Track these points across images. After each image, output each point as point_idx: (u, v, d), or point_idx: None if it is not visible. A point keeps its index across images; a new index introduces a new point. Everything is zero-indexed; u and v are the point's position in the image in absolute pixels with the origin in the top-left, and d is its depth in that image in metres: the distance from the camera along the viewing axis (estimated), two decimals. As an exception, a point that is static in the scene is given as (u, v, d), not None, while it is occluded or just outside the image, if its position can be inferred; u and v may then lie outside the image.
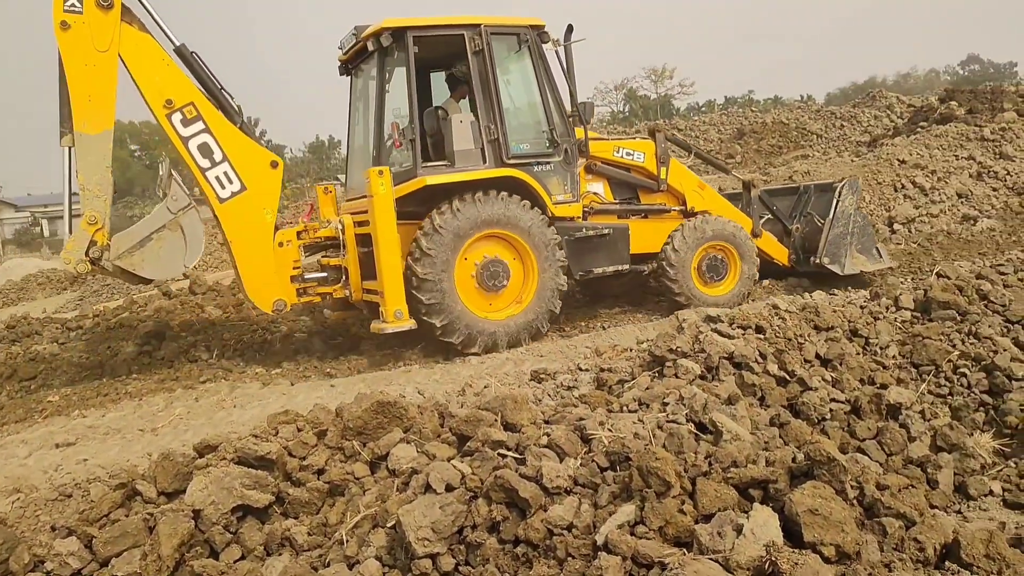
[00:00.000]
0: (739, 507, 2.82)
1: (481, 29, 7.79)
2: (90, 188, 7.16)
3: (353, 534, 3.23)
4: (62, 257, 7.24)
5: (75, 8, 6.91)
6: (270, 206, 7.73)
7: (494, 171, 7.73)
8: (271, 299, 7.73)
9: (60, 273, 26.77)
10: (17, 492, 4.92)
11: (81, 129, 7.07)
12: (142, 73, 7.29)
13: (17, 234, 76.02)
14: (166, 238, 7.36)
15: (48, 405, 7.45)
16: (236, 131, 7.60)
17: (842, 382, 4.60)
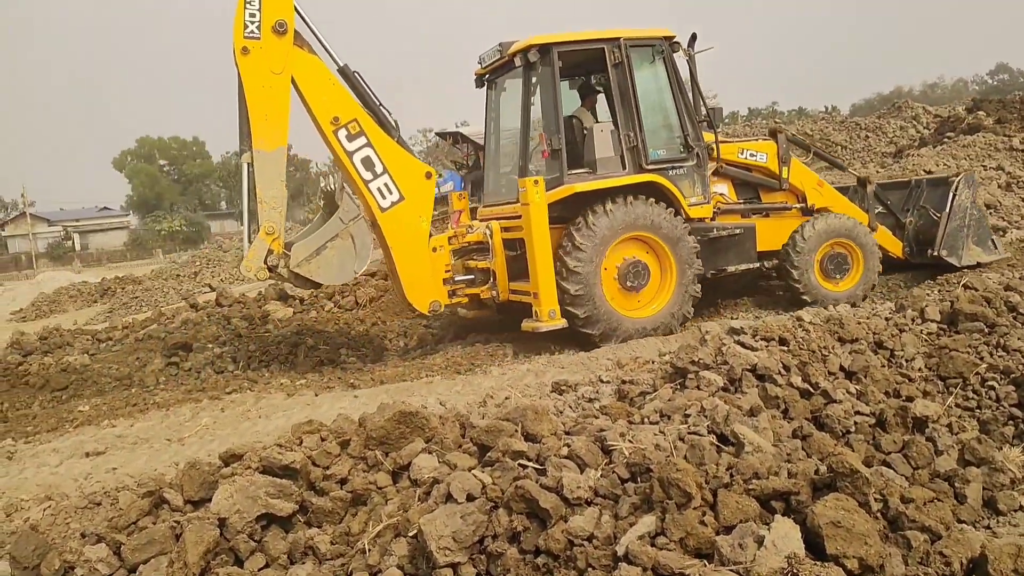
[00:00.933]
0: (761, 519, 2.81)
1: (620, 42, 8.27)
2: (267, 201, 7.69)
3: (375, 543, 3.25)
4: (243, 266, 7.82)
5: (254, 35, 7.53)
6: (425, 214, 8.32)
7: (635, 177, 8.22)
8: (427, 301, 8.31)
9: (90, 286, 27.21)
10: (49, 500, 5.02)
11: (259, 147, 7.62)
12: (312, 93, 7.85)
13: (50, 248, 77.28)
14: (338, 247, 7.85)
15: (79, 415, 7.58)
16: (395, 145, 8.17)
17: (867, 395, 4.56)
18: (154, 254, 66.84)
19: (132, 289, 24.93)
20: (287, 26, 7.60)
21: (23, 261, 69.92)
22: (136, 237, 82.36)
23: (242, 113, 7.70)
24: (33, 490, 5.32)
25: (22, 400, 8.41)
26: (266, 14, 7.54)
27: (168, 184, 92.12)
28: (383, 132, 8.09)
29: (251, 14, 7.51)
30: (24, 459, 6.35)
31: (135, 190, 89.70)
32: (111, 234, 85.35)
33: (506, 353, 8.25)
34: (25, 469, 6.06)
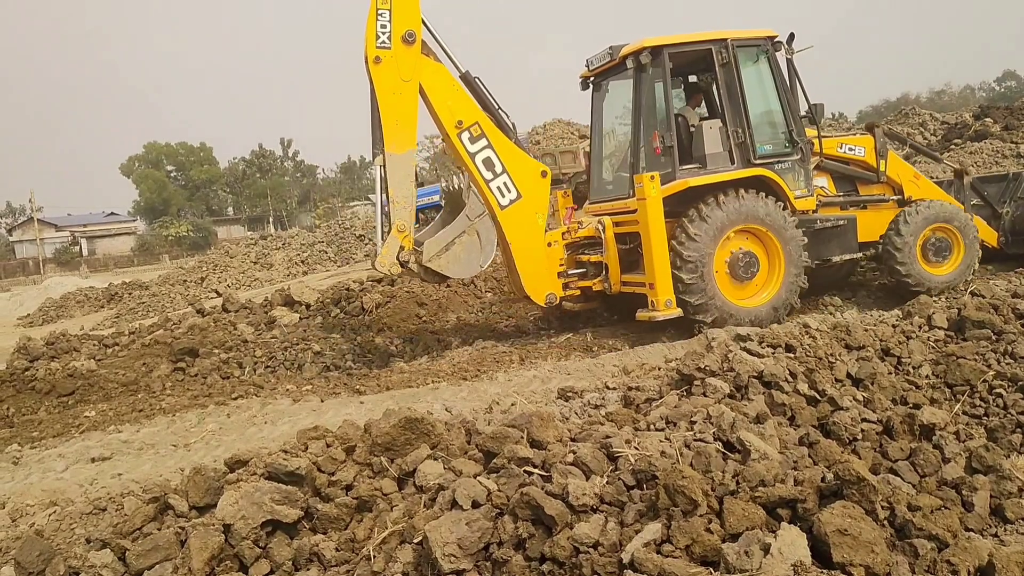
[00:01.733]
0: (767, 526, 2.80)
1: (728, 43, 8.61)
2: (398, 201, 8.20)
3: (380, 550, 3.25)
4: (377, 262, 8.29)
5: (385, 45, 8.03)
6: (541, 211, 8.80)
7: (744, 171, 8.53)
8: (544, 293, 8.86)
9: (97, 291, 27.30)
10: (54, 505, 5.03)
11: (390, 150, 8.13)
12: (438, 98, 8.36)
13: (57, 253, 77.57)
14: (465, 242, 8.41)
15: (85, 420, 7.60)
16: (513, 146, 8.68)
17: (874, 402, 4.54)
18: (161, 259, 67.03)
19: (139, 294, 25.02)
20: (416, 36, 8.11)
21: (31, 266, 70.18)
22: (143, 242, 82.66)
23: (374, 119, 8.21)
24: (38, 495, 5.33)
25: (28, 405, 8.43)
26: (396, 25, 8.04)
27: (175, 190, 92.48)
28: (502, 134, 8.61)
29: (382, 25, 8.01)
30: (30, 464, 6.37)
31: (142, 195, 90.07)
32: (118, 239, 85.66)
33: (512, 359, 8.27)
34: (31, 474, 6.08)
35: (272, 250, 26.48)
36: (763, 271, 8.63)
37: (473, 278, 12.44)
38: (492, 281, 12.29)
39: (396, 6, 8.04)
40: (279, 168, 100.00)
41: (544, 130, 23.85)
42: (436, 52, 8.41)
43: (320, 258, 25.19)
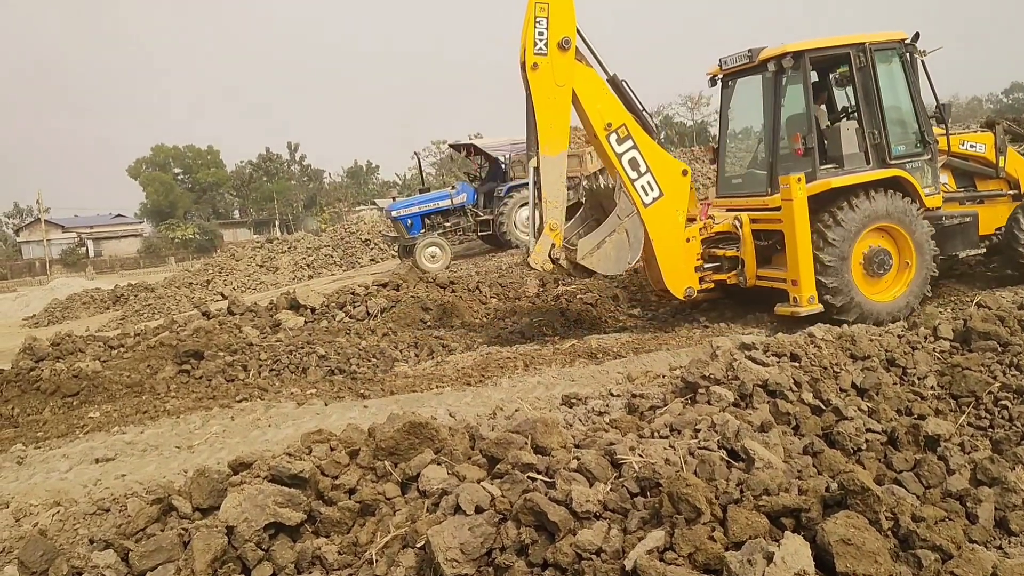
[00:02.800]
0: (770, 535, 2.79)
1: (865, 46, 8.88)
2: (551, 200, 8.65)
3: (383, 554, 3.25)
4: (530, 259, 8.73)
5: (542, 52, 8.45)
6: (682, 208, 9.14)
7: (881, 172, 8.82)
8: (683, 286, 9.23)
9: (103, 292, 27.38)
10: (58, 505, 5.03)
11: (544, 152, 8.58)
12: (589, 101, 8.77)
13: (64, 254, 77.82)
14: (615, 240, 8.69)
15: (89, 421, 7.61)
16: (656, 146, 9.13)
17: (879, 412, 4.53)
18: (167, 262, 67.24)
19: (145, 296, 25.10)
20: (571, 43, 8.50)
21: (37, 267, 70.44)
22: (149, 244, 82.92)
23: (530, 122, 8.66)
24: (42, 495, 5.34)
25: (33, 405, 8.45)
26: (553, 33, 8.43)
27: (182, 192, 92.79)
28: (646, 135, 9.02)
29: (539, 33, 8.41)
30: (34, 464, 6.38)
31: (149, 198, 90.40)
32: (125, 241, 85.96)
33: (516, 365, 8.27)
34: (35, 474, 6.09)
35: (278, 254, 26.54)
36: (895, 267, 8.97)
37: (478, 283, 12.47)
38: (497, 287, 12.30)
39: (553, 15, 8.43)
40: (286, 172, 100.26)
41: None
42: (587, 57, 8.85)
43: (326, 262, 25.25)
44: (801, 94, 9.02)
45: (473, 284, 12.43)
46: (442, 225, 18.59)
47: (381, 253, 24.39)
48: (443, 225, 18.60)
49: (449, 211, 18.74)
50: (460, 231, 18.87)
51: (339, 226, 31.08)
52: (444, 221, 18.68)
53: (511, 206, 18.32)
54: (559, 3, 8.46)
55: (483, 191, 19.42)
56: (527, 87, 8.58)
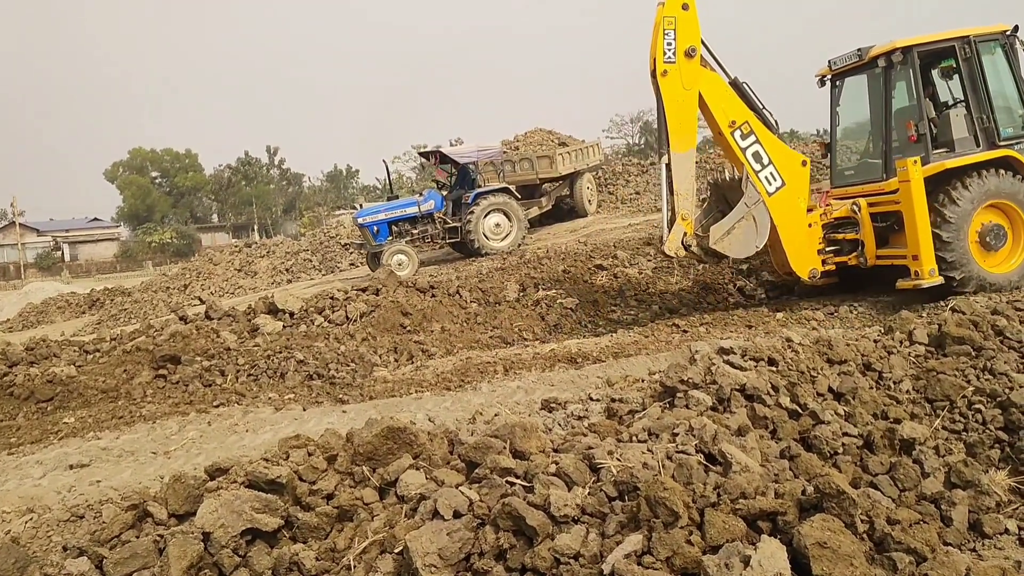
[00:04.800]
0: (747, 539, 2.81)
1: (970, 39, 9.66)
2: (682, 193, 9.68)
3: (361, 559, 3.23)
4: (665, 246, 9.73)
5: (671, 60, 9.46)
6: (803, 196, 10.05)
7: (991, 153, 9.51)
8: (808, 268, 10.02)
9: (79, 297, 27.06)
10: (31, 512, 4.97)
11: (675, 149, 9.62)
12: (714, 103, 9.73)
13: (39, 258, 76.83)
14: (744, 226, 9.53)
15: (64, 427, 7.52)
16: (777, 140, 10.00)
17: (855, 416, 4.57)
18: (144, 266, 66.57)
19: (121, 301, 24.83)
20: (696, 51, 9.47)
21: (11, 271, 69.48)
22: (126, 249, 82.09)
23: (660, 123, 9.77)
24: (15, 502, 5.26)
25: (6, 411, 8.34)
26: (680, 42, 9.42)
27: (159, 196, 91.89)
28: (767, 130, 9.87)
29: (668, 43, 9.40)
30: (7, 471, 6.30)
31: (126, 201, 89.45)
32: (101, 245, 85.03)
33: (496, 370, 8.27)
34: (7, 481, 6.01)
35: (256, 258, 26.36)
36: (1009, 240, 9.61)
37: (458, 288, 12.45)
38: (477, 292, 12.30)
39: (680, 27, 9.40)
40: (265, 176, 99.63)
41: (524, 137, 23.96)
42: (711, 63, 9.75)
43: (305, 266, 25.10)
44: (908, 87, 9.85)
45: (453, 289, 12.41)
46: (409, 232, 18.53)
47: (360, 258, 24.33)
48: (411, 232, 18.54)
49: (417, 218, 18.69)
50: (428, 238, 18.81)
51: (318, 230, 30.93)
52: (412, 228, 18.62)
53: (478, 213, 18.30)
54: (685, 16, 9.44)
55: (451, 198, 19.39)
56: (657, 92, 9.56)
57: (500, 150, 21.76)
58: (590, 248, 14.70)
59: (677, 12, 9.43)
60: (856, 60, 10.18)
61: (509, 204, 18.82)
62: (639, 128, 79.89)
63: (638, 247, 13.90)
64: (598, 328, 10.74)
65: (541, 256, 14.93)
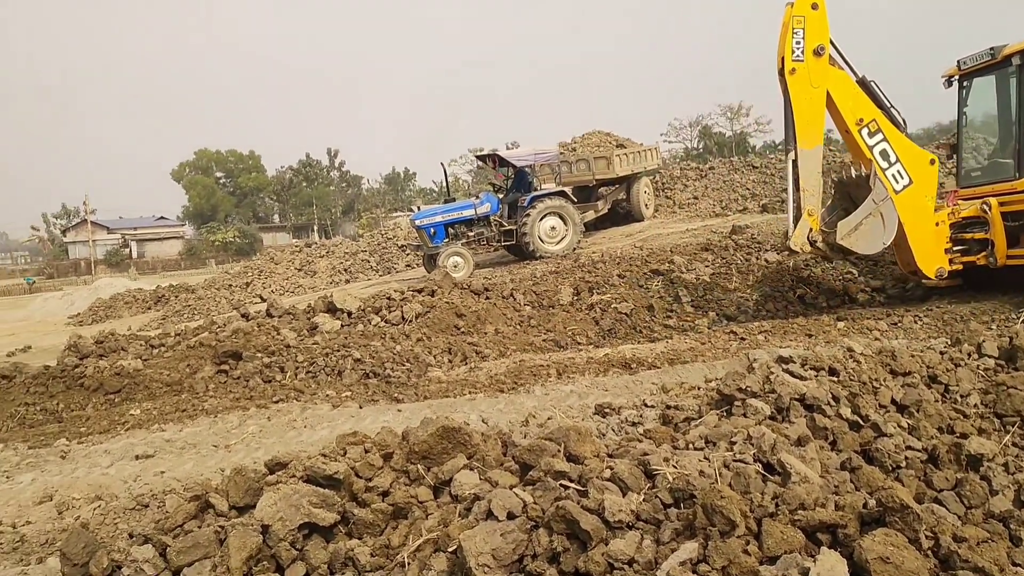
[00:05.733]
0: (806, 551, 2.75)
1: None
2: (808, 189, 9.73)
3: (415, 557, 3.26)
4: (791, 242, 9.73)
5: (799, 58, 9.56)
6: (931, 195, 10.10)
7: None
8: (935, 267, 10.07)
9: (145, 293, 27.88)
10: (99, 499, 5.14)
11: (802, 146, 9.71)
12: (842, 100, 9.81)
13: (108, 255, 79.41)
14: (871, 223, 9.47)
15: (130, 418, 7.76)
16: (904, 138, 10.03)
17: (919, 430, 4.44)
18: (207, 264, 68.29)
19: (185, 297, 25.52)
20: (825, 49, 9.58)
21: (82, 267, 71.98)
22: (191, 247, 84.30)
23: (788, 120, 9.80)
24: (84, 489, 5.46)
25: (77, 401, 8.64)
26: (809, 41, 9.52)
27: (223, 196, 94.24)
28: (895, 128, 9.93)
29: (796, 42, 9.50)
30: (77, 459, 6.52)
31: (191, 201, 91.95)
32: (167, 243, 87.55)
33: (549, 374, 8.26)
34: (77, 468, 6.23)
35: (316, 258, 26.83)
36: None
37: (512, 291, 12.48)
38: (531, 295, 12.30)
39: (809, 25, 9.50)
40: (325, 177, 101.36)
41: (582, 139, 23.91)
42: (838, 61, 9.83)
43: (362, 267, 25.47)
44: None
45: (507, 291, 12.44)
46: (465, 235, 18.61)
47: (417, 259, 24.58)
48: (467, 235, 18.61)
49: (473, 221, 18.76)
50: (484, 241, 18.86)
51: (376, 232, 31.32)
52: (468, 231, 18.70)
53: (534, 216, 18.27)
54: (814, 16, 9.52)
55: (507, 201, 19.41)
56: (785, 90, 9.66)
57: (557, 153, 21.72)
58: (646, 253, 14.59)
59: (806, 11, 9.50)
60: (988, 59, 10.09)
61: (565, 207, 18.79)
62: (697, 132, 78.95)
63: (695, 252, 13.75)
64: (653, 334, 10.64)
65: (596, 260, 14.86)
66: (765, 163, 27.44)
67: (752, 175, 26.20)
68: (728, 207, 23.53)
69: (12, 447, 7.13)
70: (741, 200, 23.97)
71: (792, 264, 12.38)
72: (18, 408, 8.60)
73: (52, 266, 77.07)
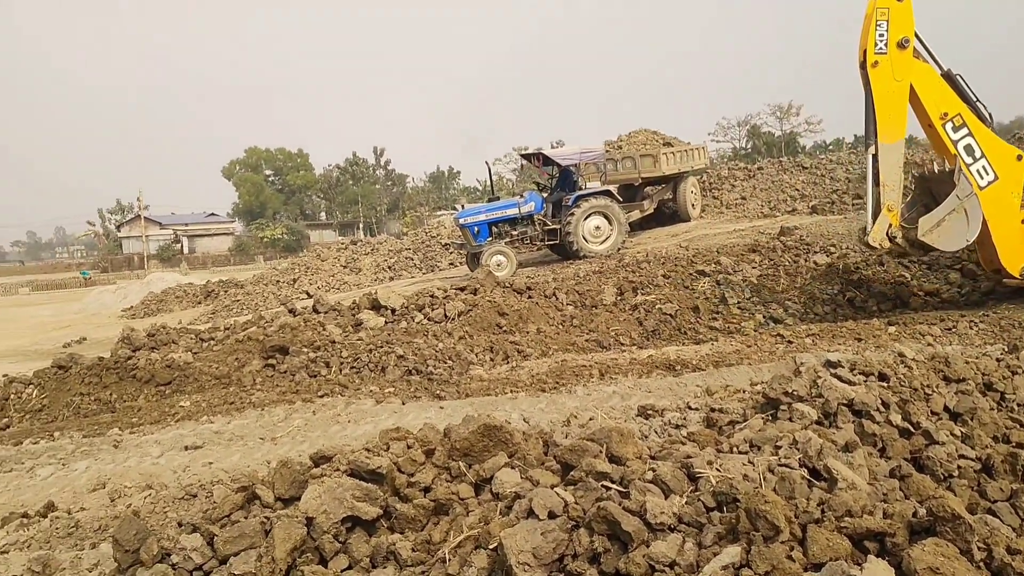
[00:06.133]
0: (852, 558, 2.70)
1: None
2: (888, 184, 9.62)
3: (455, 553, 3.28)
4: (869, 237, 9.66)
5: (882, 50, 9.48)
6: (1016, 191, 9.84)
7: None
8: (1020, 265, 9.93)
9: (196, 287, 28.45)
10: (149, 488, 5.26)
11: (883, 140, 9.59)
12: (926, 94, 9.69)
13: (160, 250, 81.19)
14: (954, 219, 9.41)
15: (180, 409, 7.93)
16: (990, 133, 9.88)
17: (973, 438, 4.32)
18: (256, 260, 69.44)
19: (234, 292, 25.99)
20: (909, 42, 9.47)
21: (135, 261, 73.75)
22: (240, 243, 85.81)
23: (868, 114, 9.64)
24: (136, 478, 5.60)
25: (129, 392, 8.86)
26: (892, 33, 9.44)
27: (272, 193, 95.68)
28: (980, 123, 9.76)
29: (880, 34, 9.44)
30: (128, 448, 6.69)
31: (241, 198, 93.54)
32: (217, 239, 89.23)
33: (592, 374, 8.23)
34: (129, 458, 6.38)
35: (361, 255, 27.11)
36: None
37: (555, 290, 12.46)
38: (574, 295, 12.27)
39: (893, 17, 9.43)
40: (371, 176, 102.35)
41: (628, 137, 23.77)
42: (923, 54, 9.74)
43: (406, 265, 25.66)
44: None
45: (550, 291, 12.43)
46: (509, 233, 18.59)
47: (460, 257, 24.69)
48: (510, 233, 18.59)
49: (517, 219, 18.73)
50: (527, 240, 18.81)
51: (420, 230, 31.53)
52: (511, 229, 18.68)
53: (578, 216, 18.17)
54: (899, 7, 9.43)
55: (551, 200, 19.34)
56: (866, 83, 9.54)
57: (603, 152, 21.59)
58: (692, 253, 14.45)
59: (891, 3, 9.41)
60: None
61: (610, 207, 18.68)
62: (746, 132, 77.94)
63: (743, 253, 13.57)
64: (698, 335, 10.54)
65: (640, 260, 14.76)
66: (815, 164, 26.96)
67: (801, 176, 25.78)
68: (776, 208, 23.19)
69: (68, 435, 7.34)
70: (790, 201, 23.59)
71: (842, 266, 12.16)
72: (73, 398, 8.86)
73: (107, 260, 79.13)
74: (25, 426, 8.36)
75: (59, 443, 7.07)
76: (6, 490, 5.84)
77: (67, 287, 52.06)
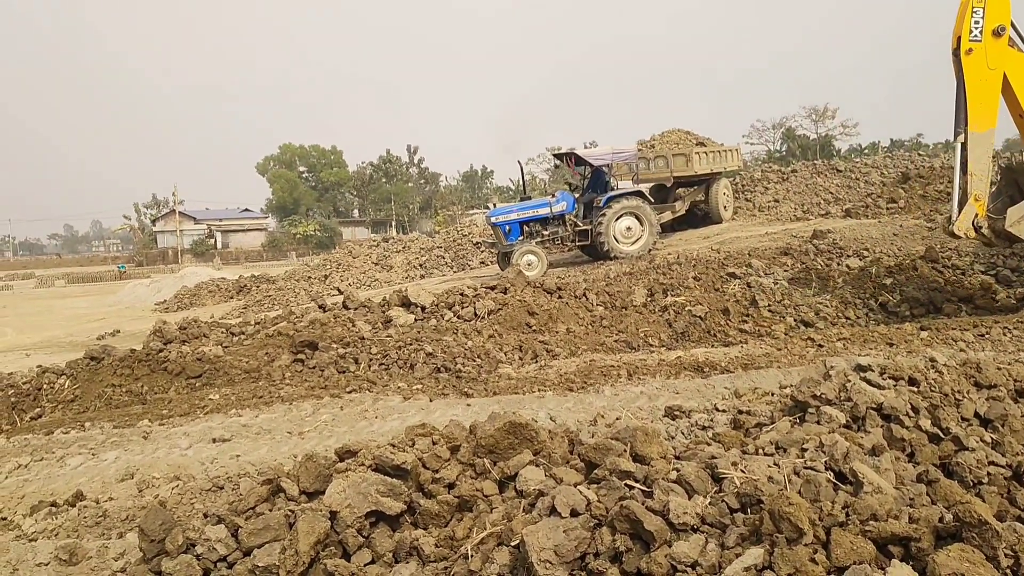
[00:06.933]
0: (876, 562, 2.67)
1: None
2: (976, 173, 9.58)
3: (478, 550, 3.29)
4: (955, 227, 9.66)
5: (976, 38, 9.42)
6: None
7: None
8: None
9: (228, 282, 28.80)
10: (177, 479, 5.35)
11: (972, 129, 9.53)
12: (1019, 83, 9.66)
13: (194, 244, 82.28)
14: None
15: (209, 402, 8.03)
16: None
17: (1003, 445, 4.24)
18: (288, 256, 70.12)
19: (266, 288, 26.29)
20: (1005, 30, 9.45)
21: (170, 255, 74.87)
22: (273, 239, 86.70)
23: (959, 102, 9.56)
24: (164, 469, 5.69)
25: (160, 384, 9.00)
26: (988, 21, 9.40)
27: (305, 190, 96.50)
28: None
29: (975, 21, 9.39)
30: (158, 440, 6.80)
31: (275, 194, 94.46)
32: (250, 235, 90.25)
33: (619, 374, 8.20)
34: (158, 449, 6.49)
35: (393, 253, 27.26)
36: None
37: (585, 290, 12.44)
38: (604, 295, 12.24)
39: (990, 5, 9.36)
40: (404, 174, 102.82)
41: (661, 137, 23.62)
42: (1018, 43, 9.65)
43: (437, 263, 25.76)
44: None
45: (580, 291, 12.40)
46: (540, 233, 18.54)
47: (491, 256, 24.72)
48: (541, 233, 18.54)
49: (548, 219, 18.67)
50: (558, 240, 18.76)
51: (452, 229, 31.63)
52: (543, 229, 18.62)
53: (610, 216, 18.09)
54: None
55: (583, 200, 19.27)
56: (958, 70, 9.46)
57: (635, 152, 21.47)
58: (723, 255, 14.34)
59: None
60: None
61: (642, 208, 18.58)
62: (780, 134, 77.12)
63: (774, 256, 13.44)
64: (728, 338, 10.46)
65: (671, 262, 14.68)
66: (850, 167, 26.59)
67: (836, 179, 25.45)
68: (810, 211, 22.92)
69: (99, 426, 7.47)
70: (824, 204, 23.32)
71: (875, 271, 11.99)
72: (105, 389, 9.02)
73: (142, 254, 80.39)
74: (57, 416, 8.52)
75: (90, 433, 7.21)
76: (36, 479, 5.97)
77: (102, 280, 52.98)
